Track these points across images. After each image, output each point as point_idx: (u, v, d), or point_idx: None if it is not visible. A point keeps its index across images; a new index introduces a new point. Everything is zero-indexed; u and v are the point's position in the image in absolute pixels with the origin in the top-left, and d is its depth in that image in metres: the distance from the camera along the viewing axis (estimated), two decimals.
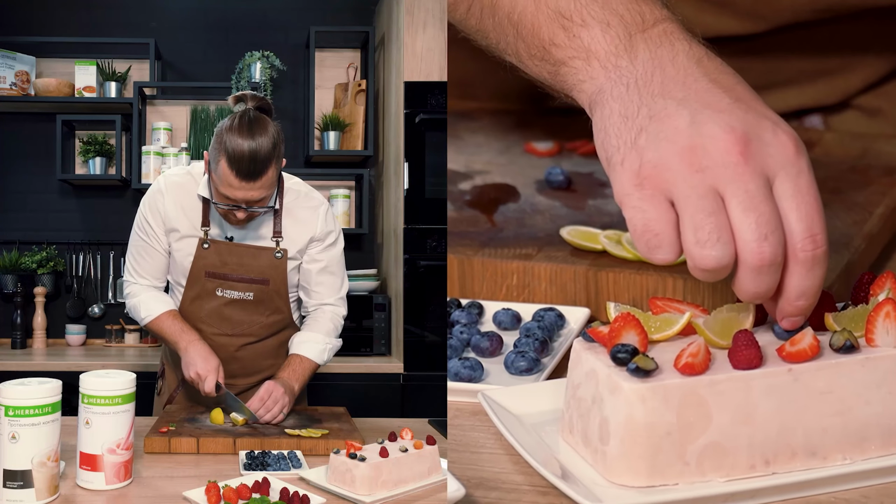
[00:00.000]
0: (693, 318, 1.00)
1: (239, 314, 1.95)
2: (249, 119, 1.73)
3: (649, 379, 0.92)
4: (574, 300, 1.26)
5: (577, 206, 1.38)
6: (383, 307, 3.26)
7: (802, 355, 0.94)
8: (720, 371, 0.94)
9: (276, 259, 1.91)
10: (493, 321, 1.27)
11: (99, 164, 3.48)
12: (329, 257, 1.97)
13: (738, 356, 0.93)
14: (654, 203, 0.99)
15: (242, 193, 1.74)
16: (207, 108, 3.59)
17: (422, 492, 1.39)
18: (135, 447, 1.40)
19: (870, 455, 0.95)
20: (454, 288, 1.35)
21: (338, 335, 2.01)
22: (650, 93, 1.03)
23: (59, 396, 1.27)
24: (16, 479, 1.23)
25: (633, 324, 0.97)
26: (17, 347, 3.39)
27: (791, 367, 0.93)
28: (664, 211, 0.98)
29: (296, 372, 1.90)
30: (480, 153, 1.53)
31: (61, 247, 3.60)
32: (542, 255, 1.28)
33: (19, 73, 3.43)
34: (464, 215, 1.38)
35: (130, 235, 1.97)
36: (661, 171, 0.99)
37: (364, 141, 3.47)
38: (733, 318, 1.00)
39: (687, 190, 0.98)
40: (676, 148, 0.99)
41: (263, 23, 3.68)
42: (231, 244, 1.91)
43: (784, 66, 1.59)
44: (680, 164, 0.98)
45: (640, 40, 1.07)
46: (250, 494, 1.28)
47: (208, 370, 1.84)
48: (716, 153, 0.98)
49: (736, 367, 0.94)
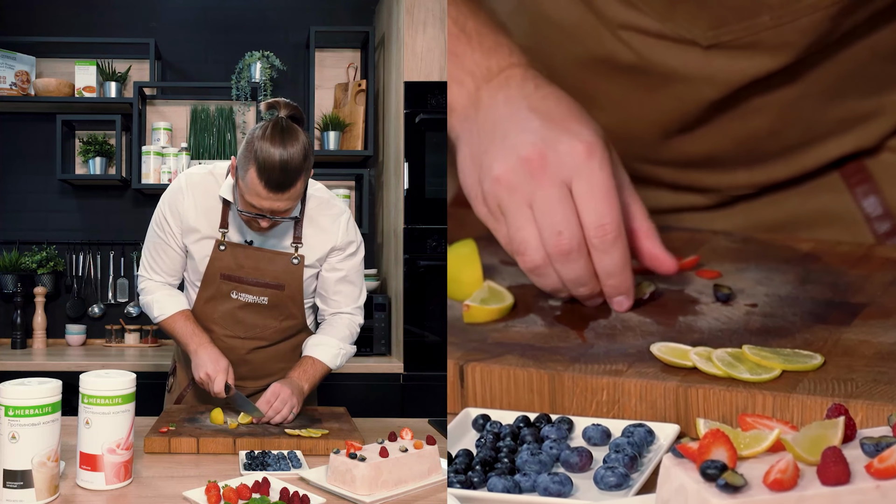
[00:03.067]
0: (782, 434, 1.00)
1: (252, 318, 1.93)
2: (282, 128, 1.67)
3: (739, 495, 0.92)
4: (664, 416, 1.26)
5: (667, 322, 1.39)
6: (383, 307, 3.26)
7: (891, 472, 0.93)
8: (809, 487, 0.93)
9: (293, 265, 1.89)
10: (582, 437, 1.26)
11: (99, 164, 3.48)
12: (349, 266, 1.94)
13: (827, 472, 0.93)
14: (500, 223, 1.27)
15: (269, 204, 1.70)
16: (207, 108, 3.59)
17: (422, 492, 1.39)
18: (135, 447, 1.40)
19: None
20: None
21: (352, 342, 1.99)
22: (487, 132, 1.29)
23: (59, 396, 1.27)
24: (16, 479, 1.23)
25: (722, 440, 0.97)
26: (17, 347, 3.39)
27: (879, 483, 0.93)
28: (503, 224, 1.29)
29: (307, 373, 1.89)
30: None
31: (61, 247, 3.60)
32: (632, 370, 1.28)
33: (19, 73, 3.43)
34: (554, 331, 1.38)
35: (147, 231, 1.95)
36: (495, 192, 1.26)
37: (364, 141, 3.47)
38: (822, 436, 1.01)
39: (510, 207, 1.25)
40: (497, 173, 1.25)
41: (263, 23, 3.68)
42: (248, 247, 1.88)
43: (821, 115, 1.64)
44: (501, 187, 1.24)
45: (485, 91, 1.33)
46: (250, 494, 1.28)
47: (218, 371, 1.83)
48: (521, 170, 1.23)
49: (824, 483, 0.93)
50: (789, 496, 0.92)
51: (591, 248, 1.25)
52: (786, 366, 1.24)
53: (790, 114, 1.63)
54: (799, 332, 1.35)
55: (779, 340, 1.33)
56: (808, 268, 1.52)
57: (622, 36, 1.57)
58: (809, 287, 1.47)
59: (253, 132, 1.70)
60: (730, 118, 1.63)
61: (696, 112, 1.62)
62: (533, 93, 1.30)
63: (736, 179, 1.72)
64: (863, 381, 1.22)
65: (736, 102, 1.61)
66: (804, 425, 1.03)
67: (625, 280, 1.30)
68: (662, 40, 1.55)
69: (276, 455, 1.54)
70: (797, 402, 1.20)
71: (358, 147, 3.48)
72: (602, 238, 1.23)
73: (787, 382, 1.22)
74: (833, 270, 1.51)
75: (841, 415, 1.03)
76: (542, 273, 1.33)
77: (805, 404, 1.20)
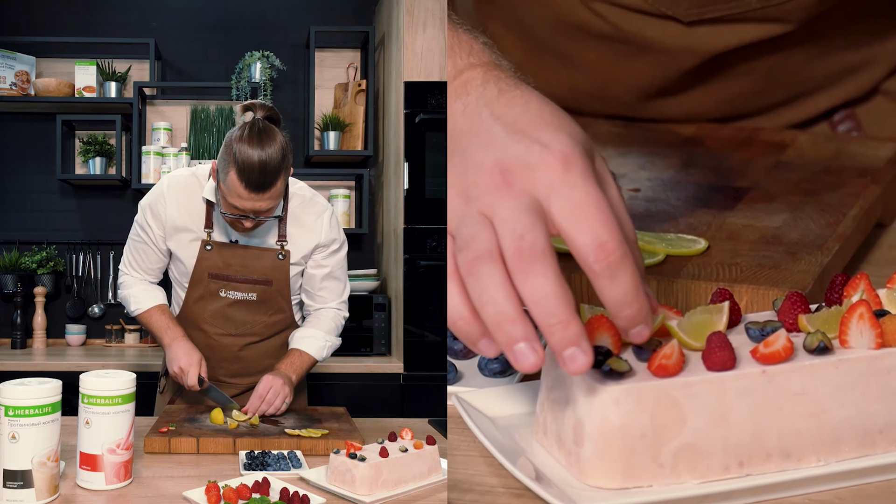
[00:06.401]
0: (666, 319, 1.00)
1: (242, 314, 1.95)
2: (259, 130, 1.72)
3: (623, 381, 0.91)
4: None
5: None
6: (383, 307, 3.26)
7: (776, 357, 0.93)
8: (694, 373, 0.93)
9: (279, 260, 1.91)
10: None
11: (99, 164, 3.49)
12: (333, 263, 1.98)
13: (712, 358, 0.93)
14: (449, 243, 1.00)
15: (251, 204, 1.74)
16: (207, 108, 3.59)
17: (422, 492, 1.39)
18: (135, 447, 1.40)
19: (844, 457, 0.95)
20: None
21: (338, 335, 2.02)
22: (450, 149, 1.06)
23: (59, 396, 1.27)
24: (16, 479, 1.23)
25: (606, 326, 0.96)
26: (17, 347, 3.39)
27: (765, 368, 0.93)
28: (449, 248, 0.99)
29: (294, 364, 1.91)
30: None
31: (61, 247, 3.60)
32: None
33: (19, 73, 3.43)
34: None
35: (131, 228, 1.97)
36: (449, 214, 1.01)
37: (364, 141, 3.47)
38: (707, 320, 1.00)
39: (459, 221, 0.98)
40: (455, 191, 1.00)
41: (263, 23, 3.68)
42: (234, 246, 1.91)
43: (809, 71, 1.59)
44: (457, 203, 1.00)
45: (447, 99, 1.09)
46: (250, 494, 1.28)
47: (190, 364, 1.86)
48: (482, 184, 0.98)
49: (710, 368, 0.93)
50: (674, 381, 0.91)
51: (591, 276, 0.93)
52: (669, 250, 1.22)
53: (777, 73, 1.58)
54: (682, 216, 1.32)
55: (662, 225, 1.30)
56: (690, 152, 1.49)
57: (596, 8, 1.51)
58: (692, 171, 1.44)
59: (231, 135, 1.74)
60: (712, 82, 1.58)
61: (675, 77, 1.57)
62: (496, 98, 1.06)
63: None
64: (747, 266, 1.20)
65: (719, 68, 1.55)
66: (688, 310, 1.02)
67: (642, 307, 0.96)
68: (640, 14, 1.49)
69: (276, 455, 1.54)
70: (681, 287, 1.18)
71: (358, 147, 3.48)
72: (605, 261, 0.91)
73: (671, 267, 1.20)
74: (716, 154, 1.48)
75: (726, 300, 1.02)
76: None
77: (689, 289, 1.17)
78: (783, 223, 1.30)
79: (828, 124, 1.66)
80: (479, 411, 1.05)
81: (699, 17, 1.46)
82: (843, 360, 0.94)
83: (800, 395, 0.93)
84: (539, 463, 0.97)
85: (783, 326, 0.99)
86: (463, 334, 0.94)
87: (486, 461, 1.00)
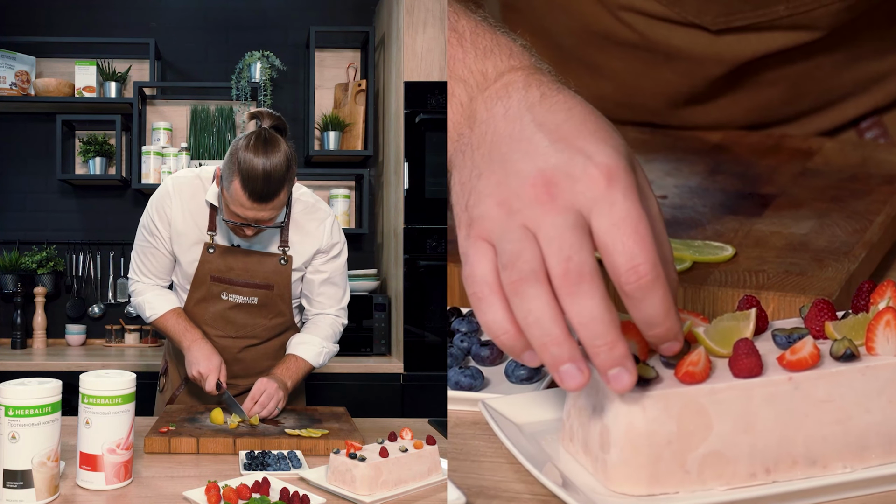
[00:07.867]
0: (693, 326, 1.00)
1: (243, 317, 1.95)
2: (265, 139, 1.70)
3: (650, 388, 0.92)
4: None
5: None
6: (383, 307, 3.26)
7: (803, 364, 0.93)
8: (721, 380, 0.93)
9: (281, 266, 1.91)
10: None
11: (99, 164, 3.49)
12: (332, 268, 1.97)
13: (739, 365, 0.93)
14: (476, 248, 0.98)
15: (253, 214, 1.73)
16: (207, 108, 3.59)
17: (422, 492, 1.39)
18: (135, 447, 1.40)
19: (870, 463, 0.94)
20: (454, 296, 1.31)
21: (336, 341, 2.02)
22: (481, 154, 1.03)
23: (59, 396, 1.27)
24: (16, 479, 1.23)
25: (633, 332, 0.96)
26: (17, 347, 3.39)
27: (791, 375, 0.93)
28: (482, 255, 0.97)
29: (290, 370, 1.91)
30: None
31: (61, 247, 3.60)
32: None
33: (19, 73, 3.43)
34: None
35: (136, 234, 1.97)
36: (484, 221, 0.98)
37: (364, 141, 3.47)
38: (734, 327, 1.00)
39: (501, 233, 0.96)
40: (494, 200, 0.98)
41: (263, 23, 3.68)
42: (236, 250, 1.91)
43: (837, 80, 1.59)
44: (498, 212, 0.97)
45: (480, 101, 1.06)
46: (250, 494, 1.28)
47: (210, 369, 1.86)
48: (524, 195, 0.96)
49: (736, 375, 0.93)
50: (701, 388, 0.92)
51: (622, 296, 0.93)
52: (697, 257, 1.22)
53: (805, 82, 1.58)
54: (709, 223, 1.32)
55: (689, 232, 1.30)
56: (717, 158, 1.49)
57: (623, 17, 1.51)
58: (719, 178, 1.44)
59: (236, 143, 1.72)
60: (740, 90, 1.58)
61: (703, 86, 1.57)
62: (538, 103, 1.03)
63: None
64: (774, 273, 1.20)
65: (747, 76, 1.56)
66: (715, 317, 1.02)
67: (671, 327, 0.96)
68: (666, 23, 1.50)
69: (276, 455, 1.54)
70: (708, 294, 1.18)
71: (358, 147, 3.48)
72: (636, 283, 0.92)
73: (698, 274, 1.20)
74: (743, 161, 1.49)
75: (753, 307, 1.02)
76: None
77: (716, 296, 1.18)
78: (810, 230, 1.30)
79: (855, 132, 1.66)
80: (505, 418, 1.06)
81: (726, 25, 1.46)
82: (869, 367, 0.94)
83: (826, 402, 0.93)
84: (565, 469, 0.98)
85: (810, 333, 0.99)
86: (506, 348, 0.94)
87: (513, 467, 1.00)
